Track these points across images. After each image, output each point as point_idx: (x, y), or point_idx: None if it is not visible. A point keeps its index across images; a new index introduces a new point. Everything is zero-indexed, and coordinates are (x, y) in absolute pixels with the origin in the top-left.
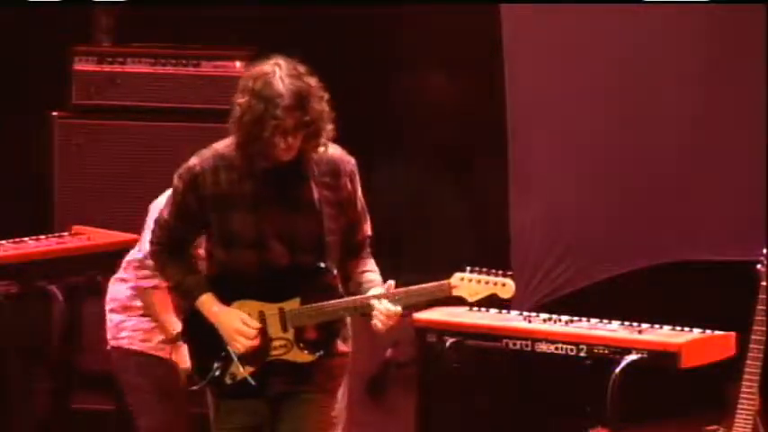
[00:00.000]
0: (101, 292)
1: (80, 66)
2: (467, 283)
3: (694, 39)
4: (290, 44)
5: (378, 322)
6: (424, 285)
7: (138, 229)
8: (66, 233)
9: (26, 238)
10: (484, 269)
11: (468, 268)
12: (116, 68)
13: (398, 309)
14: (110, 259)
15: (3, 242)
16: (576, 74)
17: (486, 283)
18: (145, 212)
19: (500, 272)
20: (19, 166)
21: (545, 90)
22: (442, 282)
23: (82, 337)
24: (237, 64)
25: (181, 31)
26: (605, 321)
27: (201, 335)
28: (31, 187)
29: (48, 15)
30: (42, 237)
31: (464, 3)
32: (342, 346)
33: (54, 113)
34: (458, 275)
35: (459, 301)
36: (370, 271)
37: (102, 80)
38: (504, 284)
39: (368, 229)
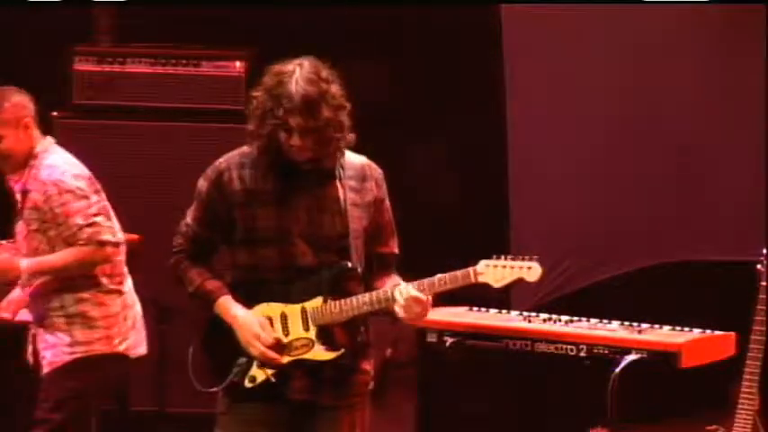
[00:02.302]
0: None
1: (80, 66)
2: (492, 269)
3: (694, 39)
4: (290, 44)
5: (400, 309)
6: (449, 274)
7: (137, 229)
8: None
9: None
10: (509, 256)
11: (495, 255)
12: (116, 68)
13: (421, 294)
14: None
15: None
16: (576, 74)
17: (512, 268)
18: (145, 213)
19: (526, 257)
20: None
21: (545, 90)
22: (468, 269)
23: None
24: (237, 64)
25: (181, 31)
26: (605, 321)
27: (222, 338)
28: None
29: (48, 15)
30: None
31: (464, 3)
32: (364, 364)
33: (54, 113)
34: (483, 262)
35: (459, 301)
36: (397, 284)
37: (102, 80)
38: (530, 268)
39: (395, 245)
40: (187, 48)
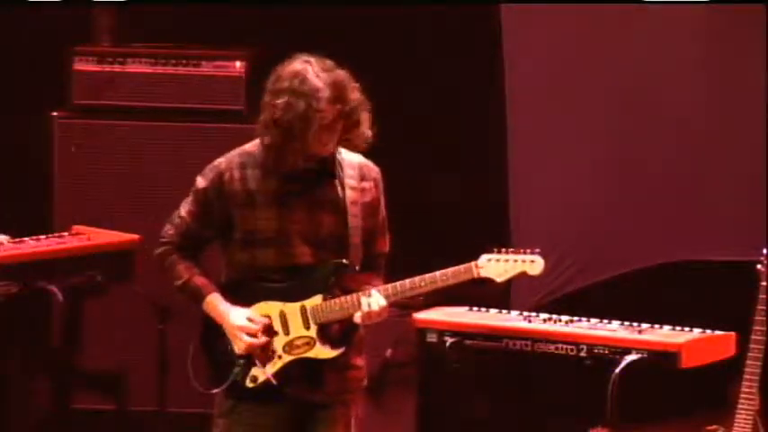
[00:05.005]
0: (101, 292)
1: (80, 66)
2: (494, 263)
3: (694, 39)
4: (290, 44)
5: (358, 316)
6: (450, 269)
7: (137, 229)
8: (66, 233)
9: (26, 238)
10: (511, 249)
11: (495, 249)
12: (116, 68)
13: (384, 303)
14: (110, 259)
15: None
16: (575, 73)
17: (515, 261)
18: (144, 213)
19: (527, 250)
20: (19, 166)
21: (545, 90)
22: (470, 263)
23: (82, 337)
24: (237, 64)
25: (181, 31)
26: (605, 321)
27: (220, 338)
28: (31, 187)
29: (48, 15)
30: (42, 237)
31: (464, 3)
32: (356, 359)
33: (54, 113)
34: (485, 257)
35: (459, 301)
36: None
37: (102, 80)
38: (533, 261)
39: (385, 244)
40: (187, 48)
